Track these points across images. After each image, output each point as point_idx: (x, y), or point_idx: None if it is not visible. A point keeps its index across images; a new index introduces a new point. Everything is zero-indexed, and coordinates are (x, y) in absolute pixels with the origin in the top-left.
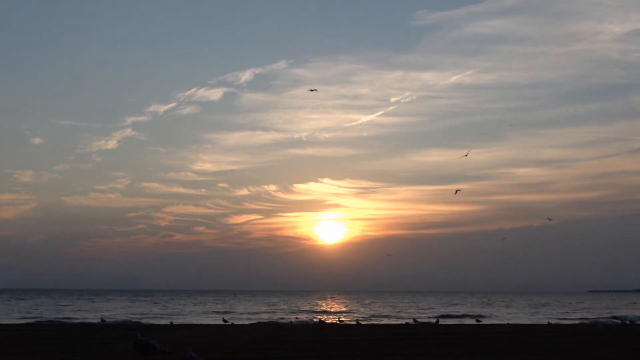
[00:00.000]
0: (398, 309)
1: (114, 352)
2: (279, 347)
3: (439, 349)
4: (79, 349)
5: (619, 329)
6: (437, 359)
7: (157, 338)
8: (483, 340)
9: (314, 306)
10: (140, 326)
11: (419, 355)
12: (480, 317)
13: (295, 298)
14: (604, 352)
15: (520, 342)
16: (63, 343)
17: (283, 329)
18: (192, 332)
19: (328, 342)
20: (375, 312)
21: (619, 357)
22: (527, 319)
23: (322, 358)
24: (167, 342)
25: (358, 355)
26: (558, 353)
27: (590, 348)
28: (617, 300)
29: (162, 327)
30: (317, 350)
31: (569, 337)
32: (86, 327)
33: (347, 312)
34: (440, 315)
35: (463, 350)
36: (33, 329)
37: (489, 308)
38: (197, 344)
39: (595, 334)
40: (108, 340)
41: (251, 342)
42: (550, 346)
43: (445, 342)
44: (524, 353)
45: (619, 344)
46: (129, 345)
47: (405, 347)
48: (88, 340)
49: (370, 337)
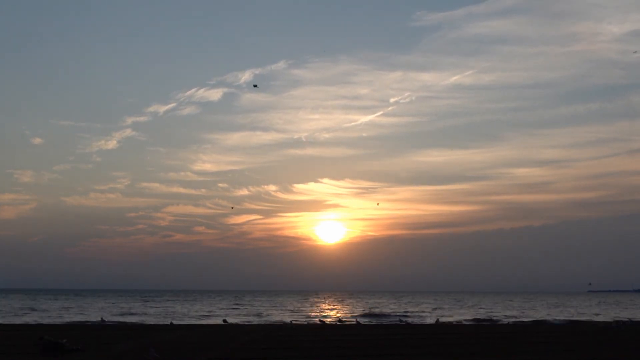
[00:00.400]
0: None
1: (114, 352)
2: (279, 347)
3: (439, 349)
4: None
5: (619, 329)
6: (437, 359)
7: (157, 338)
8: (483, 340)
9: (314, 306)
10: (140, 326)
11: (419, 355)
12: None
13: (295, 298)
14: (604, 352)
15: (520, 342)
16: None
17: (283, 329)
18: (192, 332)
19: (328, 342)
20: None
21: (619, 357)
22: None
23: (322, 358)
24: (167, 342)
25: (358, 355)
26: (558, 353)
27: (590, 348)
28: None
29: (162, 327)
30: (317, 350)
31: (569, 337)
32: (86, 328)
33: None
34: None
35: (463, 350)
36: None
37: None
38: (197, 343)
39: (595, 334)
40: (108, 340)
41: (251, 342)
42: (550, 346)
43: (445, 342)
44: (524, 353)
45: (619, 344)
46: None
47: (405, 347)
48: (88, 340)
49: (370, 337)
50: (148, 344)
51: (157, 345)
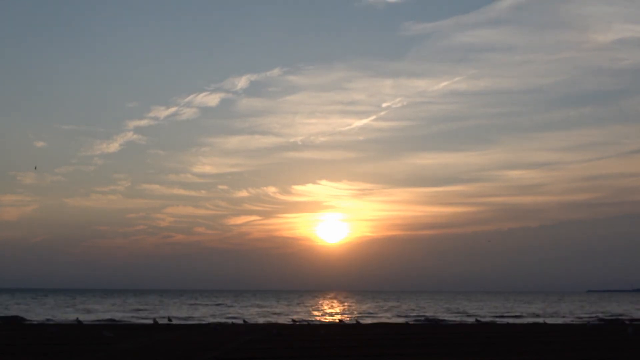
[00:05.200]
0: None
1: (114, 352)
2: (279, 347)
3: (439, 349)
4: (83, 348)
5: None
6: (437, 359)
7: (157, 338)
8: (483, 340)
9: (314, 306)
10: (140, 326)
11: (419, 355)
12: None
13: (295, 298)
14: (604, 352)
15: (520, 342)
16: (63, 343)
17: (283, 329)
18: (192, 331)
19: (328, 342)
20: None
21: (619, 357)
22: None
23: (322, 358)
24: (168, 342)
25: (358, 355)
26: (558, 353)
27: (590, 348)
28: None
29: (162, 327)
30: (317, 350)
31: (568, 337)
32: (87, 327)
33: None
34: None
35: (463, 350)
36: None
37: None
38: (197, 343)
39: (595, 334)
40: (109, 340)
41: (251, 342)
42: (550, 346)
43: (445, 342)
44: (524, 353)
45: (618, 344)
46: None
47: (405, 347)
48: (87, 340)
49: (370, 337)
50: (187, 343)
51: (158, 345)
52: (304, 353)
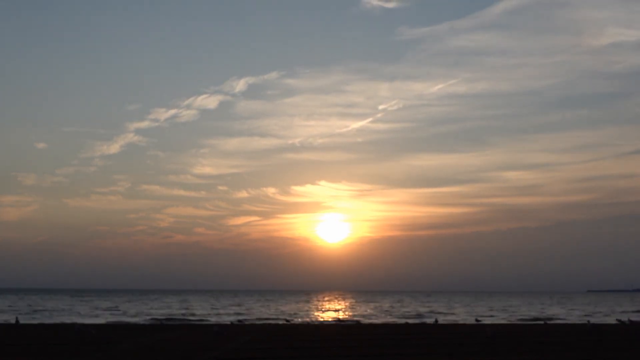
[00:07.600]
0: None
1: (114, 352)
2: (279, 347)
3: (439, 348)
4: (84, 349)
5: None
6: (437, 359)
7: (157, 338)
8: (483, 340)
9: (313, 306)
10: (140, 326)
11: (419, 355)
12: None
13: (294, 298)
14: (604, 352)
15: (520, 342)
16: (61, 343)
17: (283, 329)
18: (192, 331)
19: (328, 342)
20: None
21: (619, 357)
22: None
23: (322, 358)
24: (167, 342)
25: (358, 355)
26: (558, 353)
27: (590, 348)
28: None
29: (162, 327)
30: (317, 350)
31: (568, 337)
32: (85, 327)
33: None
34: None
35: (463, 350)
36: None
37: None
38: (198, 343)
39: (595, 334)
40: (108, 341)
41: (251, 342)
42: (550, 346)
43: (445, 342)
44: (524, 353)
45: (618, 344)
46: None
47: (405, 347)
48: (87, 339)
49: (370, 337)
50: (187, 343)
51: (158, 345)
52: (304, 353)
